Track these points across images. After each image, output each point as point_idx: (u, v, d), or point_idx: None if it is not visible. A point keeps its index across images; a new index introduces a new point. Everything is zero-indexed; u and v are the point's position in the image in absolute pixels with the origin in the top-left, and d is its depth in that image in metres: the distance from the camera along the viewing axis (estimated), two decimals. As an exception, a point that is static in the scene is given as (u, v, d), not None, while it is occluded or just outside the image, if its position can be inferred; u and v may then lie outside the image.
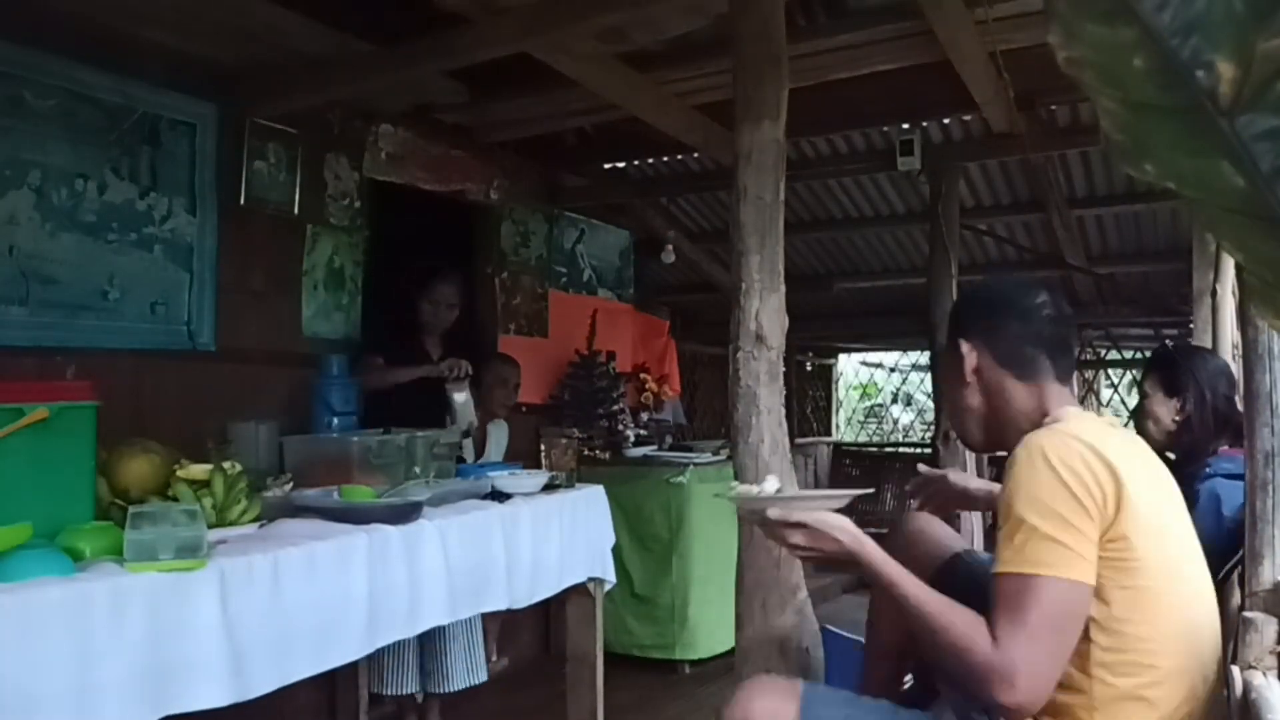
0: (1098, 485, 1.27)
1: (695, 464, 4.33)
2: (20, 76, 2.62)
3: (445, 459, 2.69)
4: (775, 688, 1.58)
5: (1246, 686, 1.36)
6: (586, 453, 4.37)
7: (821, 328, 7.17)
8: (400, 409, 3.19)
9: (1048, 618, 1.26)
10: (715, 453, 4.65)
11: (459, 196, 4.23)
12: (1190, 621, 1.34)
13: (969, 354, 1.53)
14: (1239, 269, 0.49)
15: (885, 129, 4.28)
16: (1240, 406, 2.20)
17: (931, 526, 1.85)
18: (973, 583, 1.54)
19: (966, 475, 1.99)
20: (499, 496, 2.56)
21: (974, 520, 4.03)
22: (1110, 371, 8.04)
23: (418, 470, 2.56)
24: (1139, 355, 7.22)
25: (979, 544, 3.84)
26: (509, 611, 2.50)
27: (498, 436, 3.98)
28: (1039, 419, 1.46)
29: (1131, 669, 1.31)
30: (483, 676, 3.35)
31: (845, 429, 9.74)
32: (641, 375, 5.50)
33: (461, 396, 3.40)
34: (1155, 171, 0.44)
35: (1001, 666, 1.26)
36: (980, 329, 1.54)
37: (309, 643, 1.82)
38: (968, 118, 4.04)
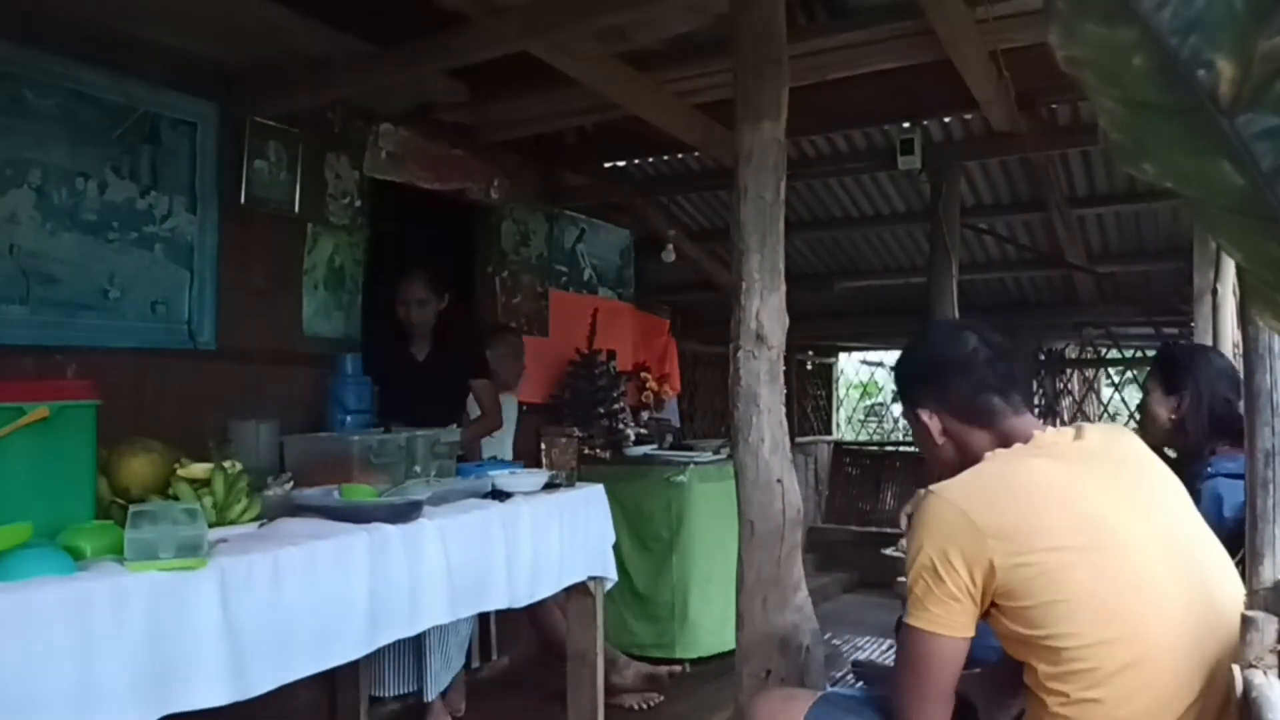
0: (960, 555, 1.37)
1: (696, 463, 4.33)
2: (21, 76, 2.62)
3: (446, 458, 2.70)
4: (784, 693, 1.71)
5: (1247, 685, 1.36)
6: (587, 452, 4.36)
7: (822, 327, 7.16)
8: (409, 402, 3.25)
9: (912, 663, 1.44)
10: (715, 452, 4.65)
11: (459, 196, 4.23)
12: (1134, 616, 1.35)
13: (931, 420, 1.61)
14: (1239, 268, 0.49)
15: (886, 128, 4.28)
16: (1242, 410, 2.19)
17: (775, 699, 1.87)
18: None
19: None
20: (499, 495, 2.56)
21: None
22: (1110, 370, 8.04)
23: (418, 469, 2.56)
24: (1139, 354, 7.22)
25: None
26: (509, 611, 2.51)
27: (508, 409, 4.00)
28: None
29: (1074, 677, 1.35)
30: (459, 662, 3.36)
31: (845, 428, 9.74)
32: (642, 374, 5.49)
33: None
34: (1154, 171, 0.44)
35: (895, 710, 1.49)
36: (931, 395, 1.61)
37: (309, 642, 1.82)
38: (968, 117, 4.04)
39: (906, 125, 4.14)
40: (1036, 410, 7.30)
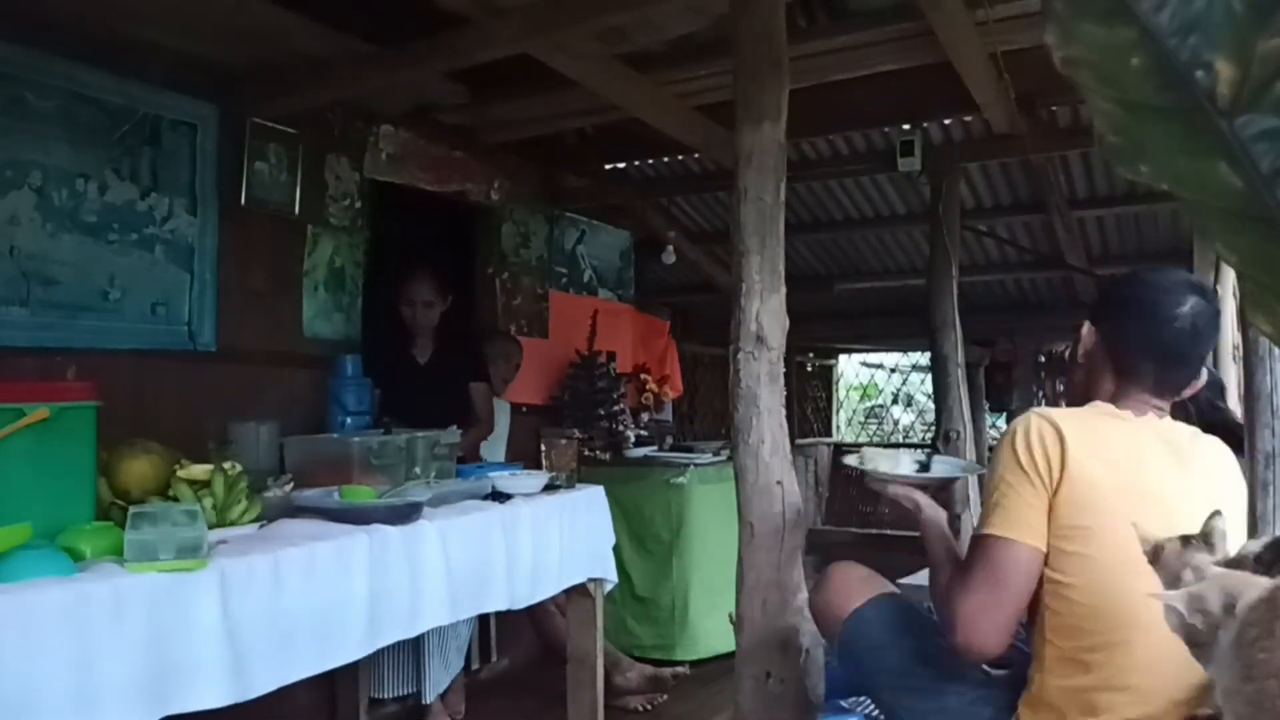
0: (1044, 458, 1.40)
1: (696, 465, 4.33)
2: (21, 77, 2.62)
3: (445, 459, 2.69)
4: (862, 574, 1.82)
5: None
6: (587, 453, 4.36)
7: (822, 329, 7.16)
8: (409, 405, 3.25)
9: (988, 573, 1.42)
10: (715, 453, 4.64)
11: (460, 197, 4.23)
12: (1138, 597, 1.35)
13: (1087, 336, 1.58)
14: (1238, 271, 0.49)
15: (886, 130, 4.28)
16: (1234, 410, 2.20)
17: (854, 573, 1.89)
18: (892, 626, 1.68)
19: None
20: (499, 497, 2.56)
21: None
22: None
23: (418, 471, 2.56)
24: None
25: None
26: (509, 612, 2.51)
27: (499, 414, 3.99)
28: None
29: (1073, 632, 1.39)
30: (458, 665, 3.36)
31: (846, 430, 9.74)
32: (642, 376, 5.49)
33: None
34: (1150, 173, 0.44)
35: (950, 615, 1.45)
36: (1106, 318, 1.56)
37: (309, 643, 1.82)
38: (968, 119, 4.04)
39: (906, 127, 4.14)
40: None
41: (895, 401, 10.19)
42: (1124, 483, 1.40)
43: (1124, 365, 1.52)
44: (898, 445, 9.32)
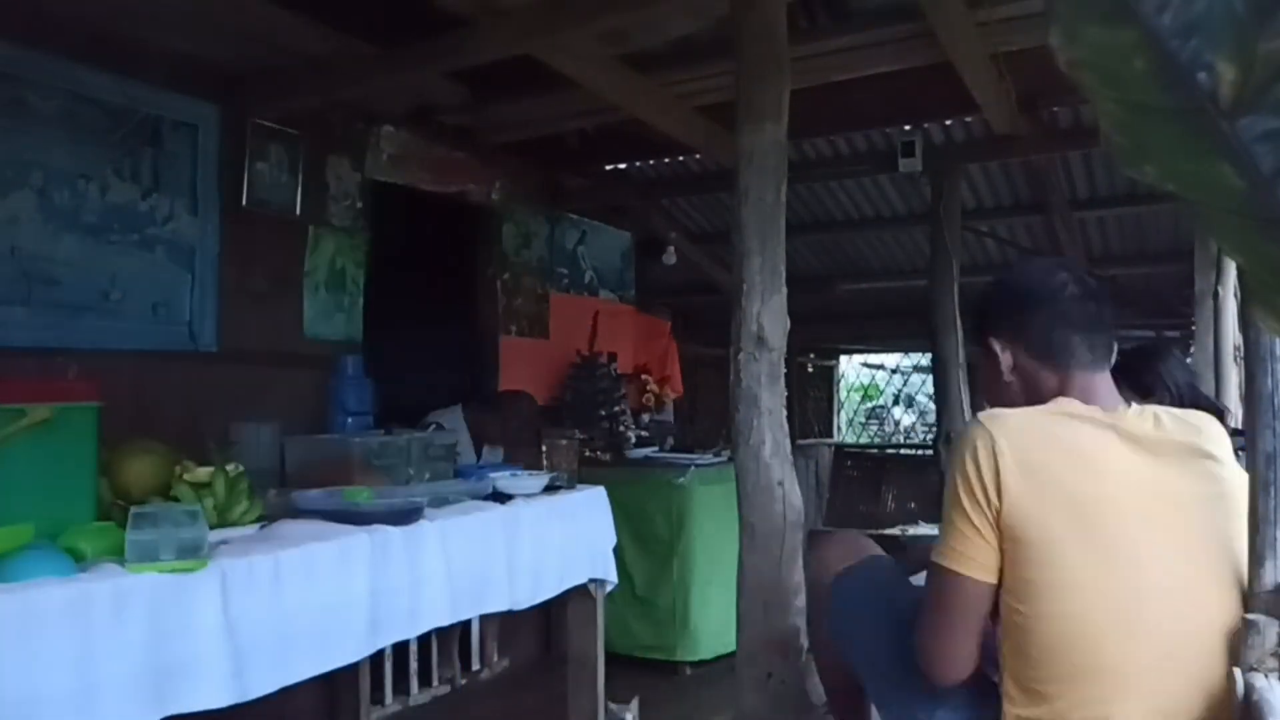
0: (980, 484, 1.32)
1: (697, 465, 4.33)
2: (23, 78, 2.62)
3: (445, 460, 2.69)
4: (857, 545, 1.79)
5: (1249, 689, 1.36)
6: (588, 454, 4.36)
7: (823, 329, 7.16)
8: None
9: (936, 600, 1.39)
10: (716, 454, 4.64)
11: (460, 198, 4.23)
12: (1101, 627, 1.28)
13: (1003, 352, 1.50)
14: (1240, 271, 0.49)
15: (887, 130, 4.28)
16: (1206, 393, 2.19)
17: (835, 540, 1.87)
18: (870, 597, 1.64)
19: None
20: (500, 498, 2.56)
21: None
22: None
23: (417, 471, 2.56)
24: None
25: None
26: (510, 613, 2.50)
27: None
28: None
29: (1031, 662, 1.30)
30: None
31: (846, 430, 9.74)
32: (643, 376, 5.49)
33: None
34: (1155, 173, 0.44)
35: (916, 646, 1.43)
36: (1008, 324, 1.51)
37: (310, 644, 1.82)
38: (969, 119, 4.04)
39: (907, 128, 4.14)
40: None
41: (896, 402, 10.19)
42: (1074, 499, 1.30)
43: (1053, 351, 1.46)
44: (898, 446, 9.33)
